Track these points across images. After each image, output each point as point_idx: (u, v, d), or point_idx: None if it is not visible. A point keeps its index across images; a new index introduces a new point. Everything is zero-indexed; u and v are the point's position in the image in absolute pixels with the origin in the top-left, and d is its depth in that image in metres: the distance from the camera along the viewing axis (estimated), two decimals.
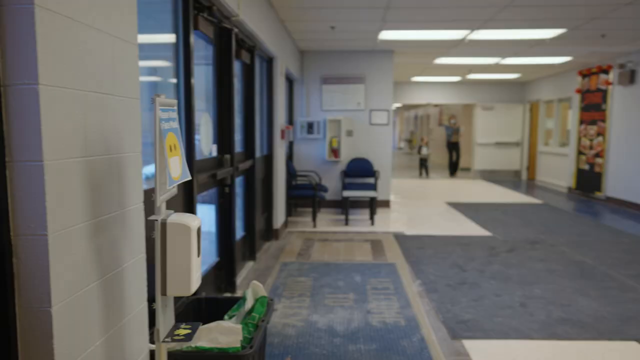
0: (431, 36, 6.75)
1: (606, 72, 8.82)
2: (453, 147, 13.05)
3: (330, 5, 5.24)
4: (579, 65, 9.62)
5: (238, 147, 4.37)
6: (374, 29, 6.36)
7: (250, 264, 4.75)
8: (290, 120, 7.79)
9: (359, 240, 5.80)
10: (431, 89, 12.89)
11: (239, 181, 4.45)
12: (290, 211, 7.01)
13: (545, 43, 7.23)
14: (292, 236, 6.00)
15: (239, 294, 3.83)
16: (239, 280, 4.17)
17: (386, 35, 6.70)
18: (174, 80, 2.95)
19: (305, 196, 6.81)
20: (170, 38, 2.87)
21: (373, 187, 7.50)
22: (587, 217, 7.38)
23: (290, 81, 7.62)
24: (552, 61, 9.08)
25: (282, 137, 5.96)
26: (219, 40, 3.72)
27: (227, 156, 3.85)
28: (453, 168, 13.26)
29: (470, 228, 6.49)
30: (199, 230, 1.77)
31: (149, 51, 2.72)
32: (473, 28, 6.25)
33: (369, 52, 7.90)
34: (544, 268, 4.59)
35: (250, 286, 2.65)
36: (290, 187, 6.81)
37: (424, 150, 13.00)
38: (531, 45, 7.50)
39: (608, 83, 8.76)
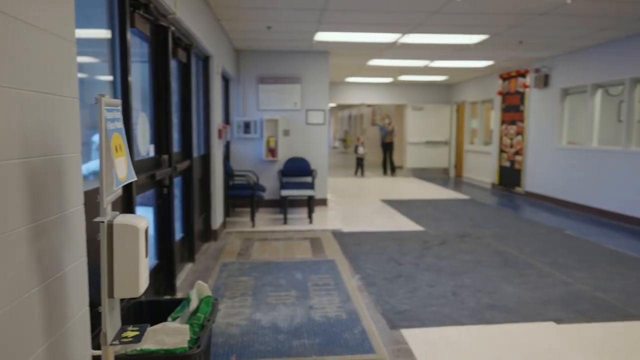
0: (365, 38, 6.96)
1: (524, 75, 9.52)
2: (387, 147, 13.40)
3: (267, 5, 5.27)
4: (499, 69, 10.30)
5: (175, 147, 4.29)
6: (310, 30, 6.46)
7: (189, 266, 4.67)
8: (227, 120, 7.72)
9: (298, 238, 5.88)
10: (365, 90, 13.24)
11: (176, 182, 4.36)
12: (228, 211, 6.95)
13: (470, 48, 7.68)
14: (231, 236, 5.96)
15: (179, 296, 3.76)
16: (178, 282, 4.10)
17: (322, 36, 6.82)
18: (103, 78, 2.87)
19: (244, 196, 6.79)
20: (98, 34, 2.78)
21: (311, 186, 7.60)
22: (509, 211, 7.95)
23: (226, 80, 7.55)
24: (476, 65, 9.66)
25: (220, 136, 5.91)
26: (155, 38, 3.64)
27: (165, 156, 3.77)
28: (390, 168, 13.49)
29: (404, 224, 6.77)
30: (146, 230, 1.76)
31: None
32: (404, 32, 6.52)
33: (305, 52, 7.99)
34: (473, 259, 4.91)
35: (195, 286, 2.64)
36: (228, 187, 6.76)
37: (360, 150, 13.29)
38: (457, 50, 7.94)
39: (525, 86, 9.46)
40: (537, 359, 2.80)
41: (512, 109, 9.98)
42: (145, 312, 2.69)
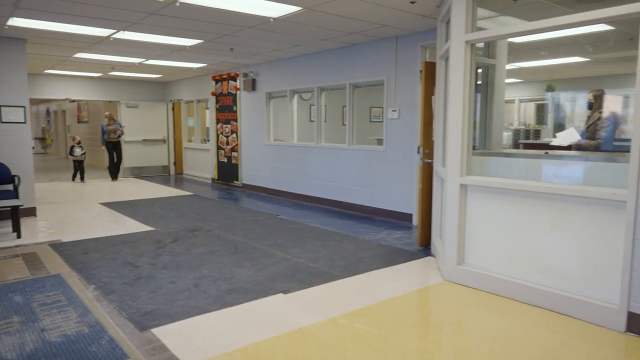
0: (74, 30, 6.39)
1: (234, 79, 10.41)
2: (113, 147, 11.89)
3: None
4: (212, 71, 10.95)
5: None
6: (3, 14, 5.53)
7: None
8: None
9: (6, 256, 5.04)
10: (69, 83, 11.95)
11: None
12: None
13: (185, 50, 7.95)
14: None
15: None
16: None
17: (18, 22, 5.92)
18: None
19: None
20: None
21: (13, 194, 6.53)
22: (231, 203, 8.65)
23: None
24: (190, 65, 10.01)
25: None
26: None
27: None
28: (114, 170, 12.06)
29: (132, 225, 6.58)
30: None
31: None
32: (119, 28, 6.29)
33: None
34: (207, 251, 5.25)
35: None
36: None
37: (78, 151, 11.66)
38: (173, 51, 8.09)
39: (237, 88, 10.36)
40: (274, 326, 3.32)
41: (226, 109, 10.78)
42: None
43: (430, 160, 5.35)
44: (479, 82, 5.33)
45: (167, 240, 5.73)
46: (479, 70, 5.31)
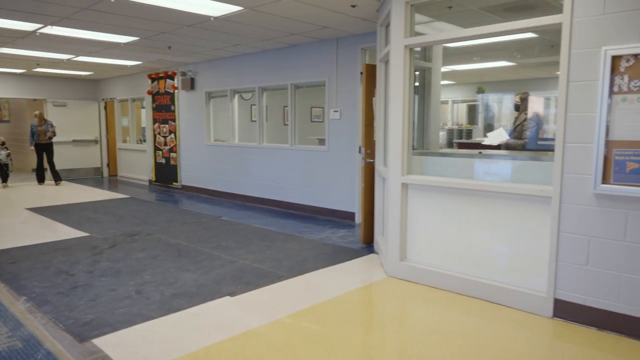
0: None
1: (172, 77, 10.11)
2: (43, 148, 10.92)
3: None
4: (148, 69, 10.57)
5: None
6: None
7: None
8: None
9: None
10: None
11: None
12: None
13: (119, 47, 7.64)
14: None
15: None
16: None
17: None
18: None
19: None
20: None
21: None
22: (171, 205, 8.41)
23: None
24: (123, 63, 9.61)
25: None
26: None
27: None
28: (52, 174, 11.08)
29: (64, 231, 6.24)
30: None
31: None
32: (47, 23, 5.94)
33: None
34: (148, 255, 5.08)
35: None
36: None
37: (2, 153, 10.63)
38: (106, 47, 7.74)
39: (174, 87, 10.08)
40: (222, 329, 3.29)
41: (164, 108, 10.46)
42: None
43: (371, 160, 5.50)
44: (416, 84, 5.55)
45: (104, 246, 5.49)
46: (417, 73, 5.53)
